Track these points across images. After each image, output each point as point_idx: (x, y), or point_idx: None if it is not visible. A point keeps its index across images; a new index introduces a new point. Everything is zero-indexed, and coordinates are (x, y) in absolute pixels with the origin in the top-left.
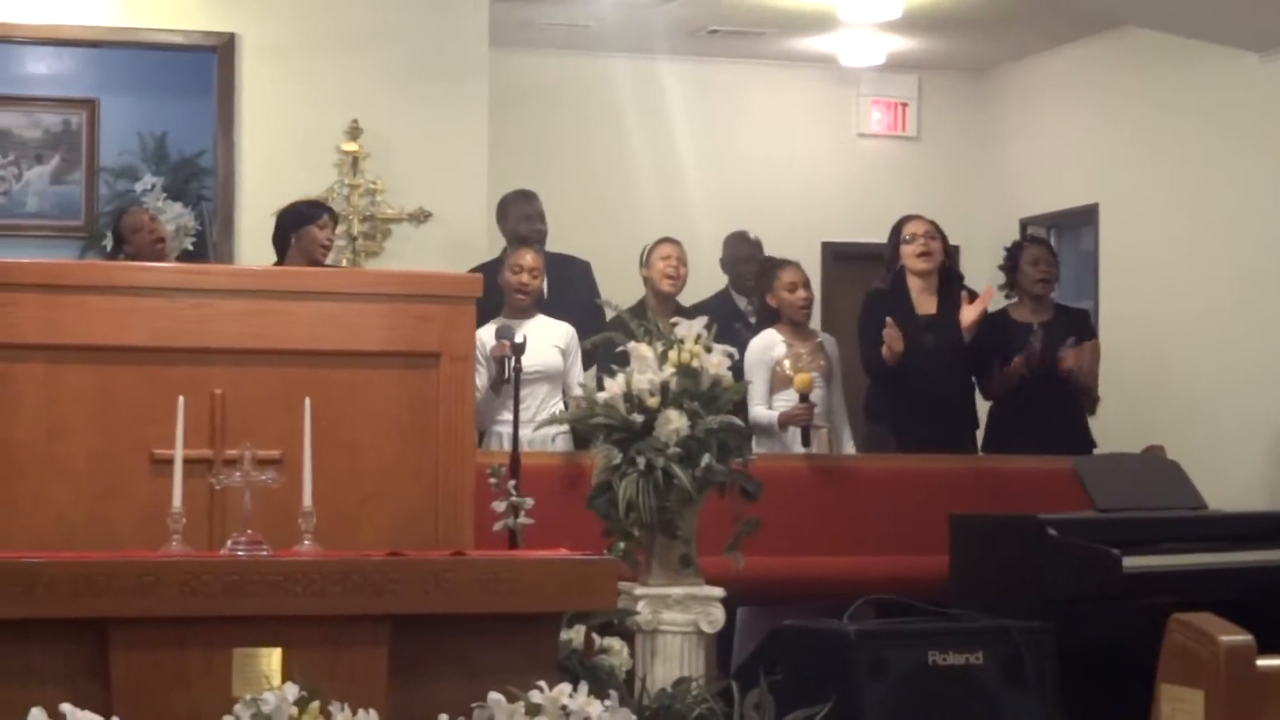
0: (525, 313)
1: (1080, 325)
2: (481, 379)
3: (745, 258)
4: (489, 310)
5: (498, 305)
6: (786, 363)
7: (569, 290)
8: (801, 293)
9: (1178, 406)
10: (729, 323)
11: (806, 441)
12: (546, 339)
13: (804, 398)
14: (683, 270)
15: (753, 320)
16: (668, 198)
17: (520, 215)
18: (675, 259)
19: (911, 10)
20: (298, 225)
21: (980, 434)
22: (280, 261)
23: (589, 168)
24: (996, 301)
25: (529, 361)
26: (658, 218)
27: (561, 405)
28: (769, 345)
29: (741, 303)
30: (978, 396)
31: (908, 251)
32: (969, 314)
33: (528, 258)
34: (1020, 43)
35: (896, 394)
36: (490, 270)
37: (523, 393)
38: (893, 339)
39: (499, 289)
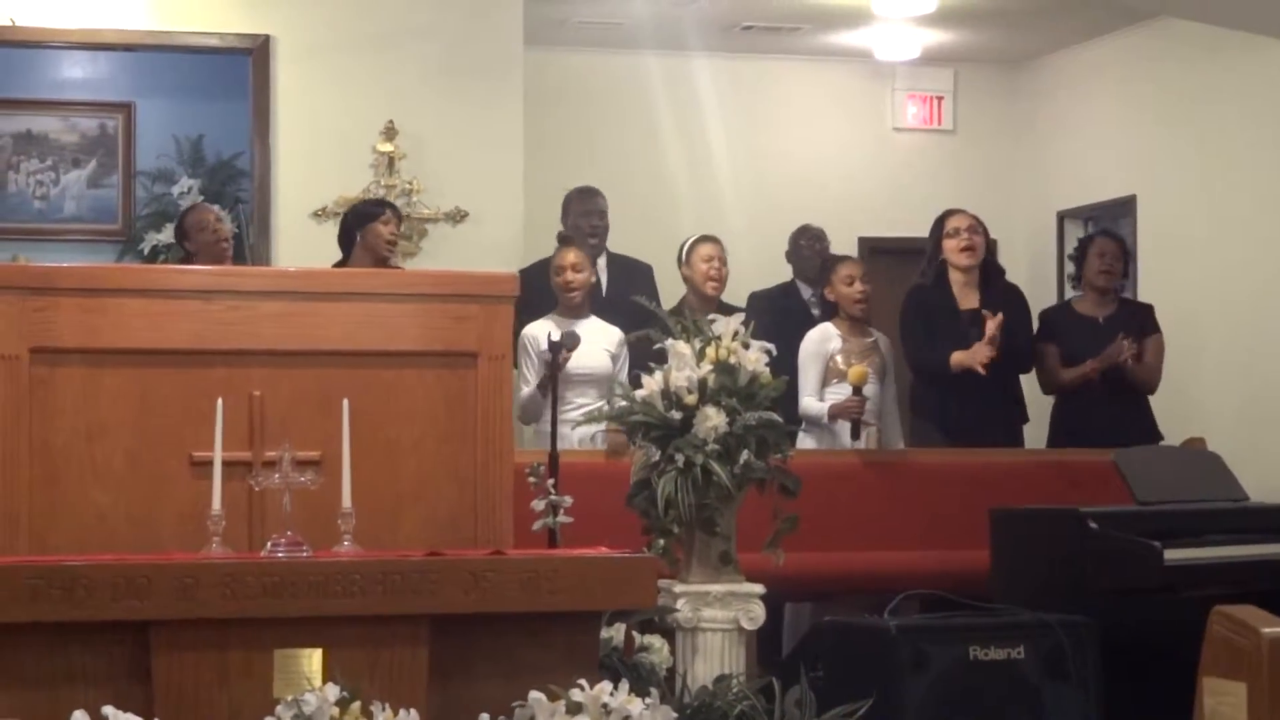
0: (578, 312)
1: (1146, 319)
2: (531, 375)
3: (806, 247)
4: (542, 308)
5: (551, 303)
6: (839, 358)
7: (629, 292)
8: (859, 286)
9: (1219, 397)
10: (794, 314)
11: (856, 435)
12: (598, 341)
13: (857, 390)
14: (724, 270)
15: (815, 312)
16: (703, 194)
17: (580, 211)
18: (717, 260)
19: (946, 3)
20: (362, 223)
21: (1042, 428)
22: (345, 260)
23: (623, 165)
24: (1040, 293)
25: (578, 363)
26: (693, 215)
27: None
28: (825, 338)
29: (806, 293)
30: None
31: (950, 246)
32: (982, 353)
33: (570, 256)
34: (1056, 35)
35: (943, 389)
36: (541, 268)
37: (571, 394)
38: (976, 357)
39: (549, 287)
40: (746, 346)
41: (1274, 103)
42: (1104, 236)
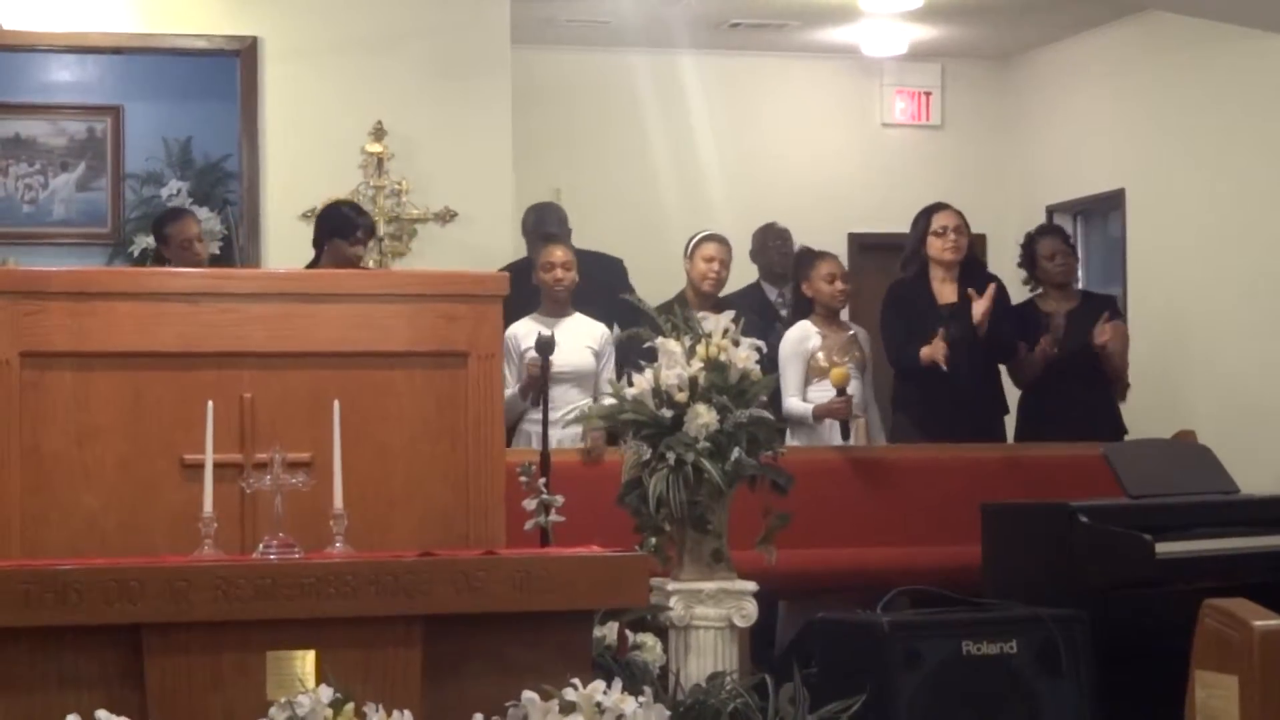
0: (561, 310)
1: (1108, 310)
2: (511, 375)
3: (774, 248)
4: (522, 307)
5: (531, 303)
6: (820, 355)
7: (602, 287)
8: (839, 284)
9: (1208, 391)
10: (760, 315)
11: (846, 435)
12: (580, 339)
13: (841, 392)
14: (724, 273)
15: (784, 312)
16: (691, 192)
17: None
18: (718, 261)
19: None
20: (330, 235)
21: (1011, 421)
22: (315, 261)
23: (612, 163)
24: (1022, 293)
25: (559, 361)
26: (681, 212)
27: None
28: (803, 337)
29: (772, 294)
30: (1006, 383)
31: (936, 244)
32: (978, 308)
33: (557, 253)
34: (1043, 29)
35: (923, 384)
36: (521, 268)
37: (553, 392)
38: (937, 351)
39: (529, 286)
40: (736, 344)
41: (1262, 95)
42: (1049, 235)
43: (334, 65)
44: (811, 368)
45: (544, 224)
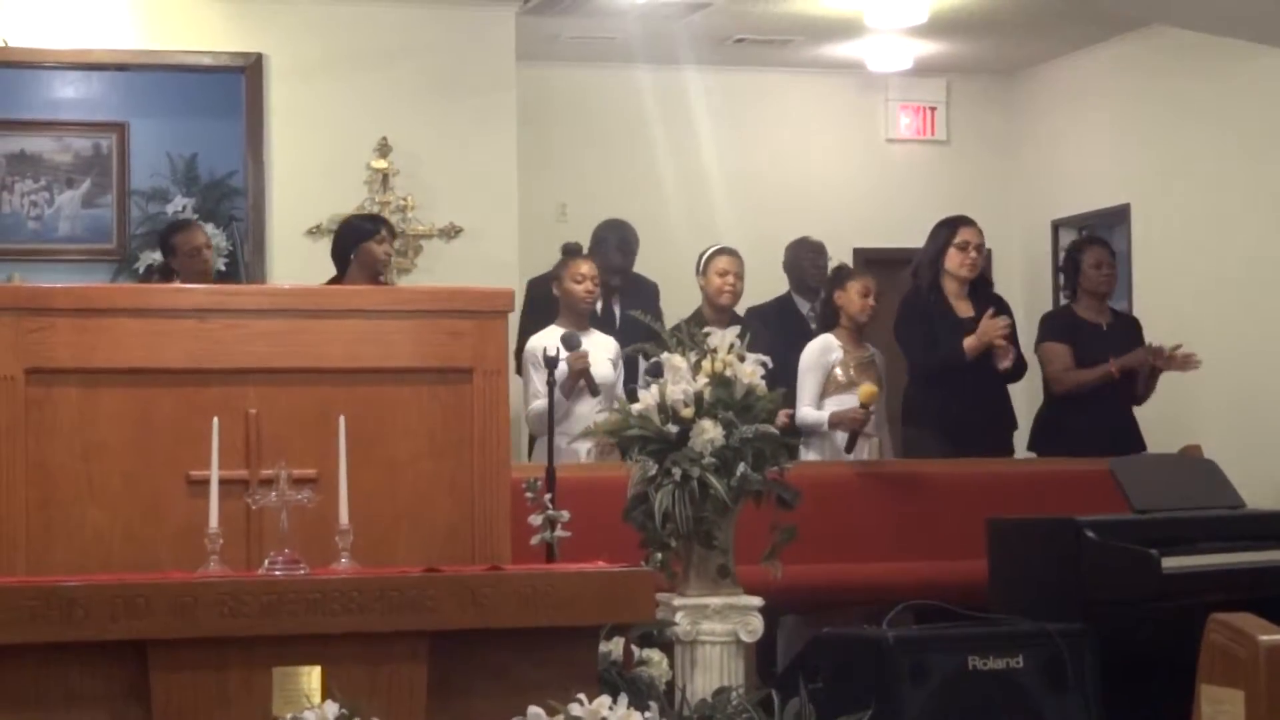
0: (581, 324)
1: (1138, 330)
2: (541, 385)
3: (809, 260)
4: (542, 320)
5: (549, 315)
6: (838, 370)
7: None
8: (871, 301)
9: (1213, 406)
10: (791, 327)
11: (851, 447)
12: (601, 352)
13: (865, 408)
14: (740, 285)
15: (814, 326)
16: (696, 207)
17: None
18: (732, 275)
19: (938, 14)
20: (356, 241)
21: (1026, 433)
22: (340, 277)
23: (616, 179)
24: (1036, 304)
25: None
26: (686, 228)
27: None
28: (827, 349)
29: (804, 307)
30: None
31: (957, 258)
32: (993, 328)
33: (585, 266)
34: (1048, 44)
35: (939, 396)
36: (544, 282)
37: (579, 407)
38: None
39: (548, 298)
40: (742, 359)
41: (1266, 109)
42: (1095, 245)
43: (339, 82)
44: (830, 381)
45: (626, 243)
